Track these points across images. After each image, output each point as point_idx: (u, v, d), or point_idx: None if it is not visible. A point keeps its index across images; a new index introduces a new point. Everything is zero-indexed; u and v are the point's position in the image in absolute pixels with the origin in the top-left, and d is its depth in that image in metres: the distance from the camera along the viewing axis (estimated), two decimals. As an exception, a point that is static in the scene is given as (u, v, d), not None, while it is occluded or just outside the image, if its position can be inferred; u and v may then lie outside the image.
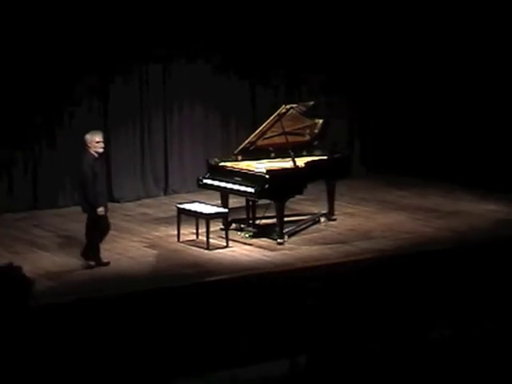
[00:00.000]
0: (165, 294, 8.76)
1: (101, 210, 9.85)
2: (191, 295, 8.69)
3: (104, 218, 10.00)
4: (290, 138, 11.18)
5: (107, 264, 9.91)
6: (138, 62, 13.10)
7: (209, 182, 10.98)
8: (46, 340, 3.08)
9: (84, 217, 12.12)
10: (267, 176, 10.60)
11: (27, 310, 2.95)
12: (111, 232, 11.11)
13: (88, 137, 10.00)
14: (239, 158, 11.31)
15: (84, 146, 9.99)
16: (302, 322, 6.27)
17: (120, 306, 8.14)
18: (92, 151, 9.94)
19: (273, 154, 11.41)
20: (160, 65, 13.30)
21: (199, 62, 13.45)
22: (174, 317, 7.81)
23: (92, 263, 9.87)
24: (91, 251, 9.96)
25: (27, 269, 6.40)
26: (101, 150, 10.04)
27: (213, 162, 11.12)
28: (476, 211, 11.89)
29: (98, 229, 9.97)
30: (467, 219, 11.49)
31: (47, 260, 9.95)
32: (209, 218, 10.46)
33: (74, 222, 11.79)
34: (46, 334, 3.08)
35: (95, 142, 9.94)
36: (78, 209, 12.40)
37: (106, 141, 12.84)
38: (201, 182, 11.13)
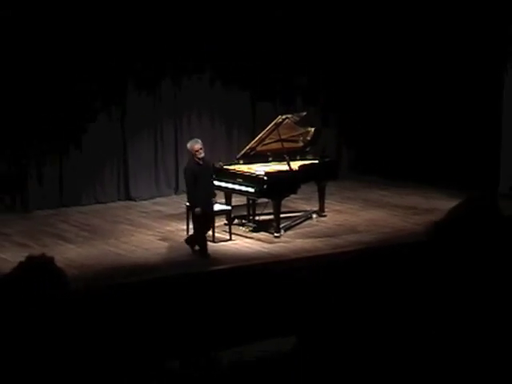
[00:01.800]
0: (175, 281, 8.78)
1: (198, 210, 9.92)
2: (198, 282, 8.70)
3: (205, 214, 9.98)
4: (286, 145, 11.17)
5: (208, 256, 9.93)
6: (153, 77, 13.05)
7: (215, 182, 10.95)
8: (75, 322, 3.05)
9: (104, 213, 12.29)
10: (266, 178, 10.60)
11: (58, 296, 2.92)
12: (129, 227, 11.35)
13: (188, 145, 10.23)
14: (241, 161, 11.28)
15: (189, 153, 10.18)
16: (296, 305, 6.24)
17: (136, 290, 8.14)
18: (195, 158, 10.00)
19: (270, 159, 11.38)
20: (171, 80, 13.24)
21: (206, 78, 13.43)
22: (183, 301, 7.75)
23: (196, 248, 9.99)
24: (198, 241, 10.06)
25: (55, 259, 6.44)
26: (200, 156, 10.01)
27: (218, 166, 11.07)
28: (448, 208, 11.80)
29: (201, 223, 10.00)
30: (440, 215, 11.41)
31: (72, 251, 9.93)
32: (214, 214, 10.41)
33: (96, 218, 11.91)
34: (75, 318, 3.06)
35: (194, 150, 10.05)
36: (99, 206, 12.60)
37: (123, 146, 13.03)
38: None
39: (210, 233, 10.51)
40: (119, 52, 12.55)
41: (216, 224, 10.47)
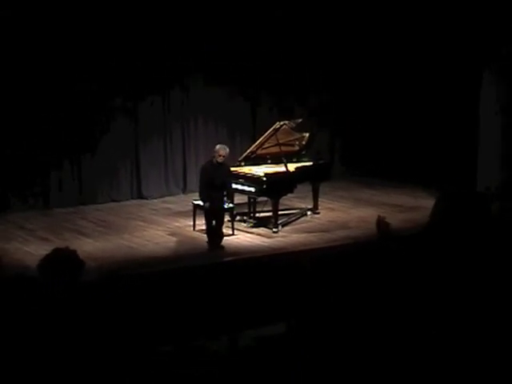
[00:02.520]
0: (183, 272, 8.79)
1: (206, 205, 9.98)
2: (204, 273, 8.69)
3: (213, 210, 10.03)
4: (283, 148, 11.19)
5: (217, 248, 9.93)
6: (163, 87, 13.06)
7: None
8: (93, 309, 3.13)
9: (118, 210, 12.26)
10: (265, 178, 10.63)
11: (80, 284, 3.01)
12: (141, 223, 11.36)
13: (216, 147, 10.17)
14: (242, 163, 11.25)
15: (212, 153, 10.27)
16: (292, 294, 6.29)
17: (148, 281, 8.13)
18: (214, 159, 10.05)
19: (269, 161, 11.36)
20: (179, 90, 13.24)
21: (211, 88, 13.39)
22: (189, 289, 7.75)
23: (221, 248, 9.95)
24: (208, 234, 10.08)
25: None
26: (219, 160, 10.06)
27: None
28: (431, 206, 11.85)
29: (211, 218, 10.04)
30: (424, 212, 11.44)
31: (90, 245, 9.95)
32: (223, 211, 10.36)
33: (111, 214, 11.92)
34: (93, 305, 3.13)
35: (217, 153, 10.09)
36: (114, 204, 12.61)
37: (136, 150, 13.00)
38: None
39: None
40: (134, 64, 12.56)
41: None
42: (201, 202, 10.32)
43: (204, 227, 10.32)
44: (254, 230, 10.85)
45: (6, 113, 11.68)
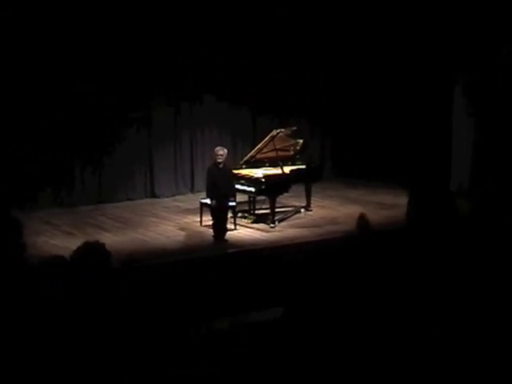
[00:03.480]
0: (191, 262, 8.82)
1: (213, 202, 9.98)
2: (209, 263, 8.78)
3: (219, 207, 10.00)
4: (280, 153, 11.19)
5: (225, 241, 9.91)
6: (174, 98, 13.06)
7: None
8: (117, 291, 3.17)
9: (134, 207, 12.25)
10: (263, 180, 10.67)
11: (109, 272, 3.06)
12: (154, 219, 11.32)
13: (215, 149, 10.19)
14: (244, 166, 11.24)
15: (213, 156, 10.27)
16: (286, 281, 6.29)
17: (160, 270, 8.19)
18: (217, 161, 10.05)
19: (267, 164, 11.34)
20: (188, 100, 13.21)
21: (216, 99, 13.39)
22: (197, 277, 7.89)
23: (225, 241, 9.89)
24: (213, 228, 10.02)
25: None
26: (218, 161, 10.06)
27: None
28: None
29: (215, 214, 10.03)
30: (402, 210, 11.35)
31: (109, 239, 9.78)
32: (227, 208, 10.38)
33: (127, 212, 11.90)
34: (120, 292, 3.18)
35: (215, 154, 10.11)
36: (130, 202, 12.56)
37: (149, 154, 12.97)
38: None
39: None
40: (150, 82, 12.59)
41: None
42: (207, 201, 10.30)
43: (210, 223, 10.31)
44: (253, 225, 10.83)
45: (37, 118, 11.62)
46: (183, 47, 12.78)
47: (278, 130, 11.12)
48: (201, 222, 10.74)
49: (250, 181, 10.81)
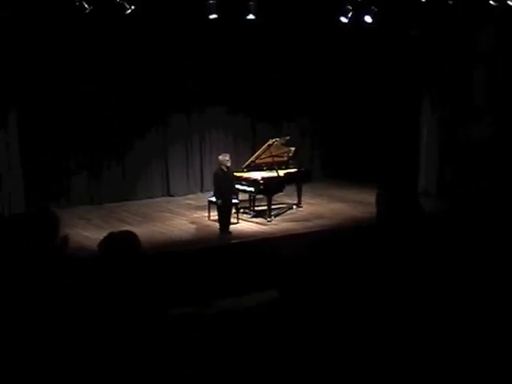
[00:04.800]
0: (201, 251, 8.79)
1: (219, 201, 9.90)
2: (216, 251, 8.83)
3: (225, 206, 9.91)
4: (275, 159, 11.22)
5: (230, 233, 9.87)
6: (186, 107, 12.97)
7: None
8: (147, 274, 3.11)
9: (152, 204, 12.21)
10: (261, 181, 10.68)
11: (140, 258, 3.04)
12: (169, 214, 11.26)
13: (220, 157, 10.16)
14: (245, 170, 11.24)
15: (219, 162, 10.14)
16: (281, 268, 6.17)
17: (174, 258, 8.24)
18: (221, 166, 9.99)
19: (265, 168, 11.31)
20: (198, 109, 13.13)
21: (221, 108, 13.33)
22: (204, 264, 7.87)
23: (229, 233, 9.84)
24: (219, 222, 9.94)
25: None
26: (227, 165, 9.98)
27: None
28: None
29: (221, 212, 9.95)
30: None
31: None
32: (232, 206, 10.37)
33: (146, 208, 11.86)
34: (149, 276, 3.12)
35: (222, 161, 9.98)
36: (149, 200, 12.50)
37: (165, 160, 12.89)
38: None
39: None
40: (166, 90, 12.54)
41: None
42: (214, 199, 10.30)
43: (216, 217, 10.30)
44: (253, 219, 10.83)
45: (68, 124, 11.56)
46: (197, 65, 12.74)
47: (274, 140, 11.08)
48: (208, 216, 10.75)
49: (251, 182, 10.77)
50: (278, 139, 11.17)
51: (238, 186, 10.69)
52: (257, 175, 10.98)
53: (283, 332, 2.97)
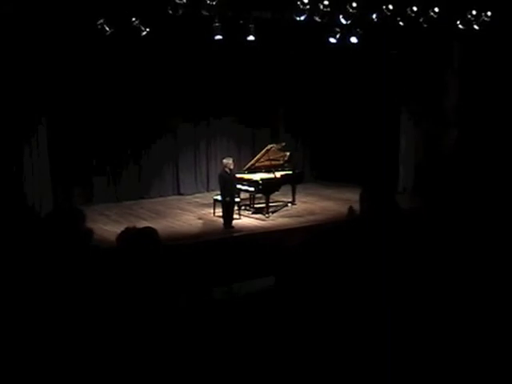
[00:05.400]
0: (207, 243, 8.82)
1: (227, 199, 9.85)
2: (221, 243, 8.85)
3: (230, 204, 9.89)
4: (273, 162, 11.32)
5: (232, 227, 9.81)
6: (194, 116, 13.09)
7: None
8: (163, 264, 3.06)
9: (164, 202, 12.23)
10: (261, 182, 10.77)
11: (159, 252, 3.05)
12: (179, 211, 11.32)
13: (224, 161, 10.08)
14: (246, 172, 11.32)
15: (222, 164, 10.10)
16: (278, 257, 6.04)
17: (183, 250, 8.15)
18: (225, 169, 9.96)
19: (263, 170, 11.42)
20: (206, 119, 13.29)
21: (225, 119, 13.47)
22: (210, 253, 8.02)
23: (232, 227, 9.79)
24: (223, 218, 9.92)
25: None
26: (231, 167, 9.93)
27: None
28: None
29: (226, 208, 9.92)
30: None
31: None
32: (235, 203, 10.41)
33: (159, 205, 11.90)
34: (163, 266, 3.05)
35: (227, 165, 9.91)
36: (161, 198, 12.53)
37: (176, 161, 12.96)
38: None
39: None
40: (177, 103, 12.63)
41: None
42: (219, 197, 10.35)
43: (220, 214, 10.31)
44: (253, 215, 10.84)
45: (95, 131, 11.59)
46: (204, 82, 12.87)
47: (271, 145, 11.19)
48: (214, 213, 10.80)
49: (251, 182, 10.83)
50: (274, 145, 11.29)
51: (239, 186, 10.76)
52: (256, 177, 11.04)
53: (279, 316, 2.92)
